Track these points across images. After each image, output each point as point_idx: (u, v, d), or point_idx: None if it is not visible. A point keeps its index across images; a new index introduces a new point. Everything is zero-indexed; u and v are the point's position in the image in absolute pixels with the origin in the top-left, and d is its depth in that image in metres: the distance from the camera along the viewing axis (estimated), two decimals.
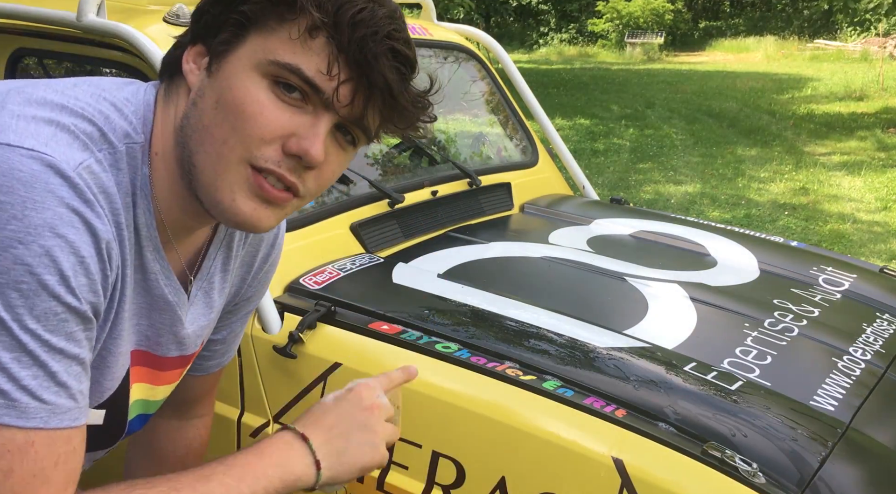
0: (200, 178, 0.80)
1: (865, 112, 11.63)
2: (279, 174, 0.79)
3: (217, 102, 0.78)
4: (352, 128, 0.82)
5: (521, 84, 2.61)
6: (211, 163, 0.79)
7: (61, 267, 0.69)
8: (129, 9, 1.78)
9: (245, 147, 0.78)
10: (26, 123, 0.72)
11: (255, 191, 0.79)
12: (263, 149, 0.78)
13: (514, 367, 1.36)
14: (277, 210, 0.82)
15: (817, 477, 1.19)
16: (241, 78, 0.77)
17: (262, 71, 0.77)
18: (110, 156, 0.78)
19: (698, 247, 2.13)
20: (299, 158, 0.79)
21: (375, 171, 2.25)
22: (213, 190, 0.79)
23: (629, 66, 20.05)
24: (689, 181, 7.33)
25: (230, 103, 0.77)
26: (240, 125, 0.77)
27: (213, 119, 0.78)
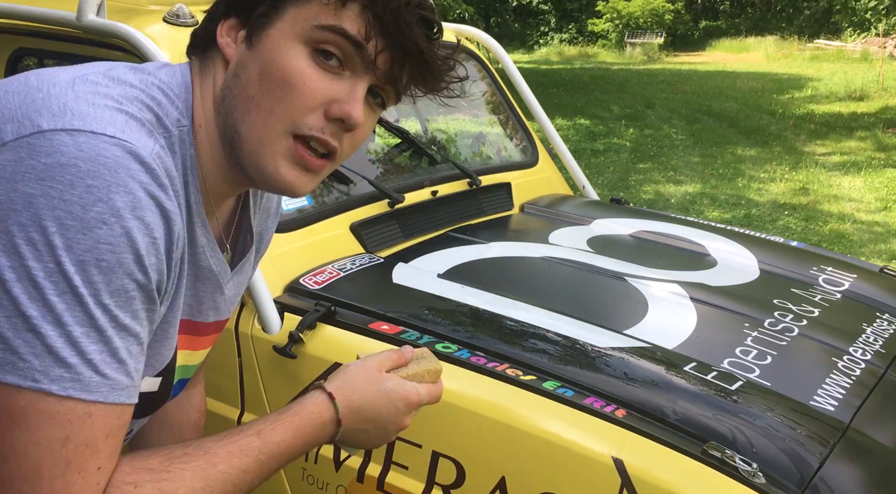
0: (245, 147, 0.84)
1: (865, 112, 11.63)
2: (323, 139, 0.84)
3: (261, 74, 0.82)
4: (383, 89, 0.87)
5: (521, 84, 2.61)
6: (256, 133, 0.83)
7: (138, 246, 0.74)
8: (129, 9, 1.78)
9: (290, 116, 0.82)
10: (102, 111, 0.76)
11: (296, 160, 0.84)
12: (308, 118, 0.83)
13: (514, 367, 1.36)
14: (315, 176, 0.88)
15: (817, 477, 1.19)
16: (283, 48, 0.82)
17: (304, 38, 0.82)
18: (167, 141, 0.82)
19: (698, 247, 2.13)
20: (341, 122, 0.83)
21: (375, 171, 2.25)
22: (258, 157, 0.84)
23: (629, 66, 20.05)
24: (689, 181, 7.33)
25: (275, 74, 0.82)
26: (286, 95, 0.82)
27: (258, 90, 0.82)
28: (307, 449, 0.94)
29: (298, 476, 1.49)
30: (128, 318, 0.75)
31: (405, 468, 1.37)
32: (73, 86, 0.78)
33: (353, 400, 0.94)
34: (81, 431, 0.73)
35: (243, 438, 0.87)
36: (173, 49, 1.60)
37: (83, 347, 0.72)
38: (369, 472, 1.39)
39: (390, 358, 1.00)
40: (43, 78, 0.79)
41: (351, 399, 0.94)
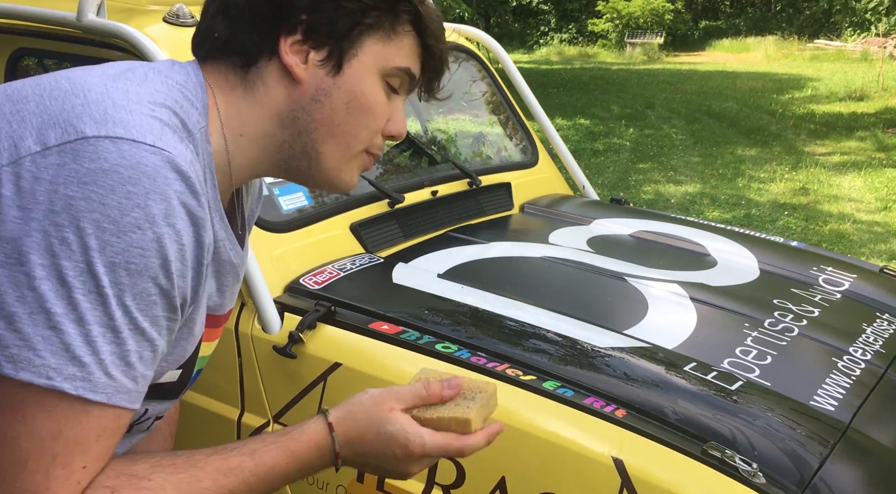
0: (324, 163, 0.92)
1: (865, 112, 11.63)
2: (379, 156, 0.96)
3: (349, 104, 0.90)
4: None
5: (521, 84, 2.61)
6: (340, 153, 0.92)
7: (166, 252, 0.76)
8: (129, 9, 1.78)
9: (369, 140, 0.93)
10: (140, 119, 0.79)
11: (364, 168, 0.96)
12: (377, 139, 0.94)
13: (514, 367, 1.36)
14: None
15: (817, 477, 1.19)
16: (368, 84, 0.90)
17: (383, 73, 0.91)
18: (192, 144, 0.84)
19: (698, 246, 2.13)
20: (392, 137, 0.95)
21: (375, 171, 2.26)
22: (338, 172, 0.93)
23: (629, 66, 20.05)
24: (689, 181, 7.33)
25: (363, 106, 0.90)
26: (370, 124, 0.91)
27: (344, 118, 0.90)
28: (304, 476, 0.92)
29: None
30: (146, 322, 0.76)
31: None
32: (108, 93, 0.80)
33: (350, 436, 0.91)
34: (75, 428, 0.74)
35: (235, 456, 0.86)
36: (173, 49, 1.60)
37: (98, 346, 0.73)
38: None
39: (414, 395, 0.92)
40: (76, 83, 0.81)
41: (349, 435, 0.91)
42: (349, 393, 1.42)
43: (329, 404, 1.44)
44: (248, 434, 1.54)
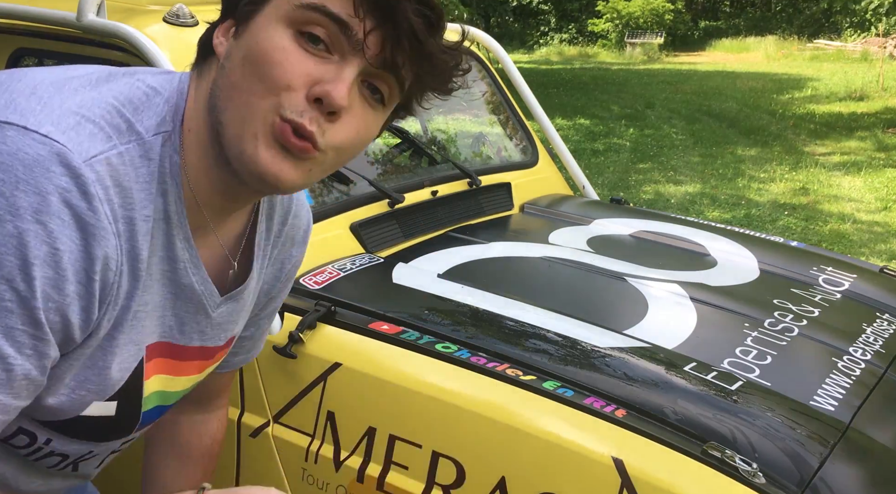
0: (227, 133, 0.79)
1: (865, 112, 11.62)
2: (299, 123, 0.76)
3: (244, 58, 0.78)
4: (379, 79, 0.80)
5: (521, 84, 2.61)
6: (239, 116, 0.78)
7: (27, 253, 0.67)
8: (129, 9, 1.78)
9: (272, 94, 0.76)
10: (50, 111, 0.72)
11: (276, 138, 0.77)
12: (290, 97, 0.76)
13: (514, 367, 1.36)
14: (298, 163, 0.79)
15: (817, 477, 1.19)
16: (267, 30, 0.77)
17: (288, 20, 0.77)
18: (138, 147, 0.77)
19: (698, 246, 2.13)
20: (321, 102, 0.76)
21: (375, 171, 2.25)
22: (239, 140, 0.78)
23: (629, 66, 20.05)
24: (689, 181, 7.33)
25: (256, 54, 0.77)
26: (266, 73, 0.76)
27: (240, 74, 0.78)
28: None
29: (298, 476, 1.49)
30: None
31: (405, 468, 1.37)
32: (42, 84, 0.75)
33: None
34: None
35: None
36: (173, 49, 1.60)
37: None
38: (369, 472, 1.39)
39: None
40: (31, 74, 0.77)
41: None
42: (349, 392, 1.43)
43: (329, 404, 1.45)
44: (248, 434, 1.54)
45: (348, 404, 1.44)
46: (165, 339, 0.91)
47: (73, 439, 0.91)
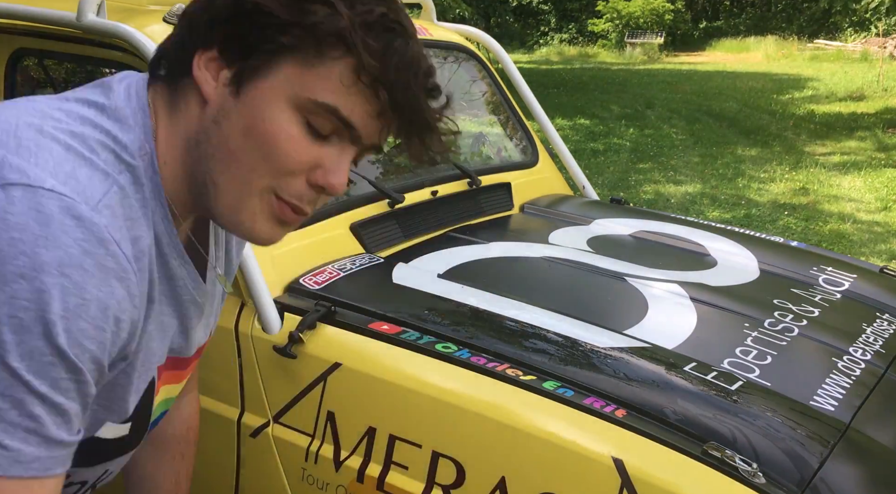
0: (221, 198, 0.79)
1: (865, 112, 11.62)
2: (300, 208, 0.80)
3: (246, 130, 0.76)
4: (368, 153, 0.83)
5: (521, 84, 2.61)
6: (236, 188, 0.78)
7: (59, 306, 0.68)
8: (129, 9, 1.78)
9: (273, 178, 0.77)
10: (45, 162, 0.71)
11: (275, 216, 0.80)
12: (290, 182, 0.78)
13: (514, 367, 1.36)
14: (289, 228, 0.83)
15: (817, 477, 1.19)
16: (273, 110, 0.75)
17: (297, 106, 0.76)
18: (130, 175, 0.77)
19: (698, 246, 2.13)
20: (322, 189, 0.79)
21: (375, 171, 2.25)
22: (236, 212, 0.79)
23: (629, 66, 20.05)
24: (689, 181, 7.33)
25: (262, 135, 0.76)
26: (271, 157, 0.76)
27: (241, 146, 0.76)
28: None
29: (298, 476, 1.49)
30: (44, 386, 0.68)
31: (405, 468, 1.37)
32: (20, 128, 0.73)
33: None
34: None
35: None
36: None
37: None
38: (369, 472, 1.39)
39: None
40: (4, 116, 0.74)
41: None
42: (349, 392, 1.43)
43: (329, 404, 1.45)
44: (248, 434, 1.54)
45: (348, 404, 1.44)
46: (172, 355, 0.92)
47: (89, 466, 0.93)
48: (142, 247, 0.77)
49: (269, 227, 0.81)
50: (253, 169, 0.77)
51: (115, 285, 0.72)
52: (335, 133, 0.78)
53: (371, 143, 0.80)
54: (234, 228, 0.82)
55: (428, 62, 0.79)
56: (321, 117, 0.76)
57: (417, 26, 2.42)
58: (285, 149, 0.76)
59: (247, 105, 0.76)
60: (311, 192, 0.79)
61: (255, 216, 0.79)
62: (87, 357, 0.71)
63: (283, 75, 0.75)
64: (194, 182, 0.81)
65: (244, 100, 0.76)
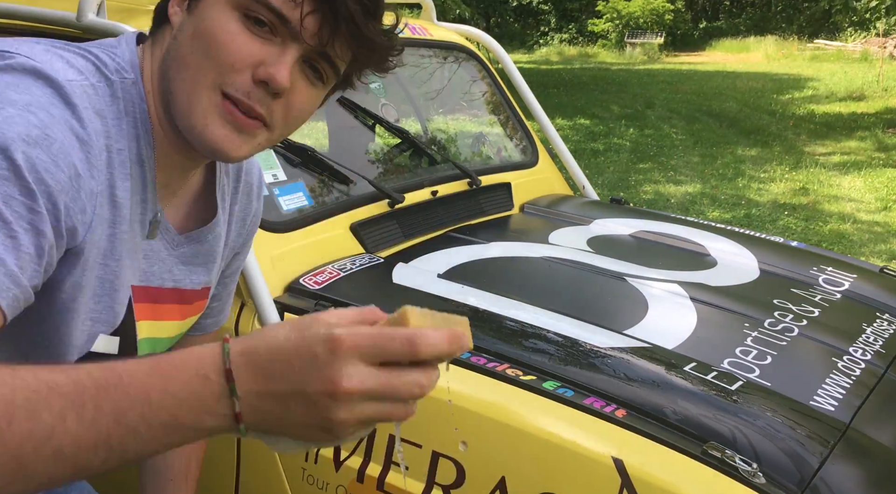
0: (177, 105, 0.85)
1: (865, 112, 11.63)
2: (248, 105, 0.83)
3: (194, 33, 0.84)
4: (319, 61, 0.86)
5: (521, 84, 2.61)
6: (186, 90, 0.84)
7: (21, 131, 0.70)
8: (129, 9, 1.78)
9: (217, 73, 0.82)
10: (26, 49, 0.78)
11: (226, 118, 0.83)
12: (234, 77, 0.82)
13: (514, 367, 1.36)
14: (248, 138, 0.86)
15: (817, 477, 1.19)
16: (215, 10, 0.83)
17: (235, 4, 0.82)
18: (107, 87, 0.83)
19: (698, 246, 2.13)
20: (266, 85, 0.82)
21: (375, 171, 2.25)
22: (188, 115, 0.84)
23: (629, 66, 20.05)
24: (689, 181, 7.33)
25: (204, 33, 0.83)
26: (212, 52, 0.82)
27: (189, 48, 0.84)
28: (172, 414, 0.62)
29: (298, 476, 1.49)
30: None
31: (405, 468, 1.37)
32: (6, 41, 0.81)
33: (250, 344, 0.63)
34: None
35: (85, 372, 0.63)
36: None
37: None
38: (369, 472, 1.39)
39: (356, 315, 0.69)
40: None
41: (248, 343, 0.63)
42: None
43: None
44: None
45: None
46: (143, 283, 0.94)
47: None
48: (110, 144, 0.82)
49: (222, 132, 0.84)
50: (199, 68, 0.83)
51: (76, 144, 0.76)
52: (273, 31, 0.83)
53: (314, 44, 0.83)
54: (191, 134, 0.85)
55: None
56: (255, 9, 0.82)
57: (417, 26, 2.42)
58: (225, 43, 0.82)
59: (196, 16, 0.85)
60: (257, 90, 0.83)
61: (205, 117, 0.83)
62: (43, 189, 0.72)
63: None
64: (164, 100, 0.87)
65: (194, 14, 0.85)
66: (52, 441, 0.59)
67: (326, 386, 0.61)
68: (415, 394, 0.63)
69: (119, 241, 0.86)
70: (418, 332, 0.63)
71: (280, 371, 0.62)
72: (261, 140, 0.87)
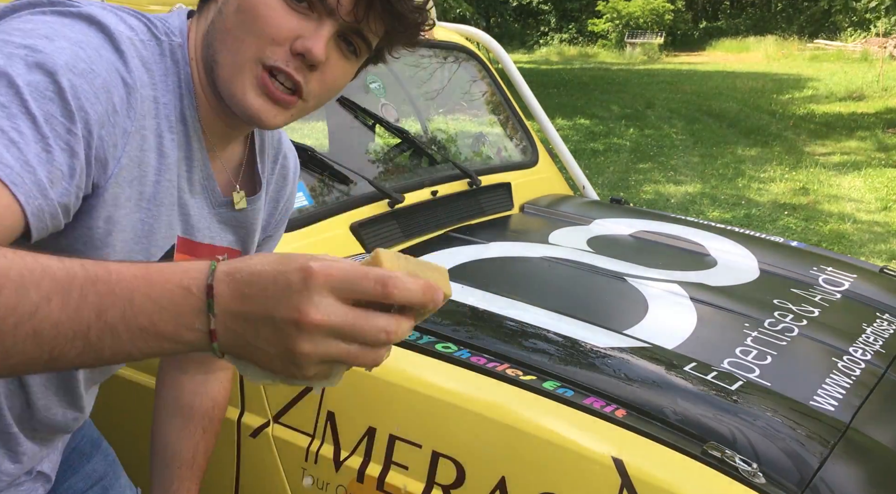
0: (220, 74, 0.90)
1: (865, 112, 11.63)
2: (287, 72, 0.88)
3: (237, 8, 0.89)
4: (352, 36, 0.91)
5: (521, 84, 2.61)
6: (230, 60, 0.89)
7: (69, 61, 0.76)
8: None
9: (258, 45, 0.88)
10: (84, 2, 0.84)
11: (263, 90, 0.89)
12: (273, 49, 0.88)
13: (514, 367, 1.36)
14: (283, 109, 0.91)
15: (817, 477, 1.19)
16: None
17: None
18: (156, 46, 0.89)
19: (698, 246, 2.13)
20: (303, 57, 0.88)
21: (375, 171, 2.26)
22: (230, 84, 0.90)
23: (629, 66, 20.05)
24: (689, 181, 7.33)
25: (247, 7, 0.88)
26: (254, 26, 0.88)
27: (233, 22, 0.89)
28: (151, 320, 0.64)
29: (298, 476, 1.49)
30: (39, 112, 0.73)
31: (405, 468, 1.37)
32: None
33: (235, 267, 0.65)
34: None
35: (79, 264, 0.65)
36: None
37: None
38: (369, 472, 1.39)
39: None
40: None
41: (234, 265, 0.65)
42: (349, 392, 1.43)
43: (329, 404, 1.45)
44: (248, 434, 1.54)
45: (348, 404, 1.44)
46: (185, 236, 0.99)
47: None
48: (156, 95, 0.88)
49: (259, 101, 0.89)
50: (242, 40, 0.88)
51: (120, 83, 0.82)
52: (311, 7, 0.88)
53: (350, 21, 0.88)
54: (232, 102, 0.90)
55: None
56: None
57: None
58: (266, 17, 0.87)
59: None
60: (294, 60, 0.88)
61: (245, 87, 0.89)
62: (82, 116, 0.77)
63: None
64: (208, 69, 0.92)
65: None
66: (34, 321, 0.61)
67: (293, 313, 0.62)
68: (381, 340, 0.63)
69: (163, 189, 0.92)
70: (393, 274, 0.62)
71: (256, 294, 0.63)
72: (294, 111, 0.93)
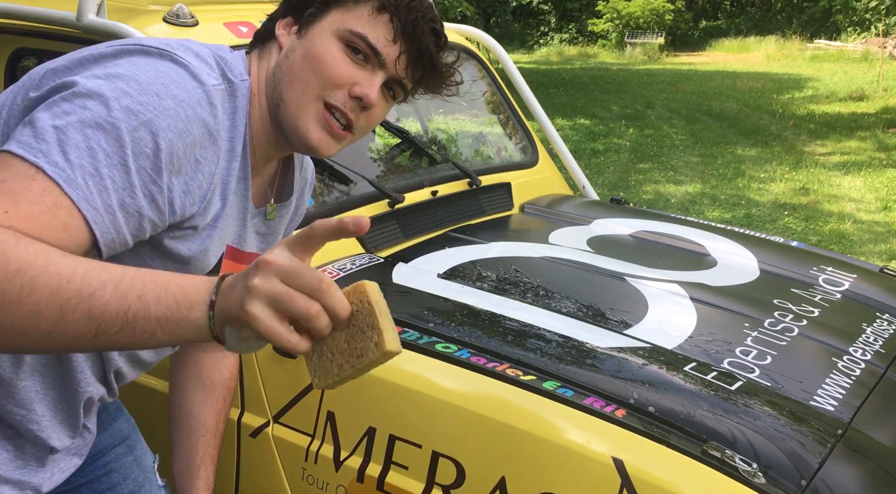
0: (287, 110, 1.07)
1: (866, 112, 11.62)
2: (343, 111, 1.07)
3: (304, 55, 1.07)
4: (394, 84, 1.11)
5: (522, 84, 2.61)
6: (296, 99, 1.07)
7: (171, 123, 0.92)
8: (129, 9, 1.78)
9: (322, 87, 1.06)
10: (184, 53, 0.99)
11: (323, 125, 1.07)
12: (335, 92, 1.06)
13: (514, 367, 1.36)
14: (337, 142, 1.10)
15: (817, 477, 1.19)
16: (323, 39, 1.07)
17: (339, 36, 1.06)
18: (230, 88, 1.04)
19: (698, 246, 2.13)
20: (359, 100, 1.06)
21: (375, 171, 2.26)
22: (295, 119, 1.07)
23: (629, 66, 20.04)
24: (689, 181, 7.33)
25: (314, 55, 1.06)
26: (320, 71, 1.06)
27: (300, 67, 1.07)
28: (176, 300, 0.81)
29: (298, 476, 1.49)
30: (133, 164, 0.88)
31: (405, 468, 1.37)
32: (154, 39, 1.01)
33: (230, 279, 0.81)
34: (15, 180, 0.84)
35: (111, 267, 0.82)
36: None
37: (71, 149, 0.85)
38: (369, 472, 1.39)
39: None
40: None
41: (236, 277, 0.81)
42: (348, 393, 1.43)
43: (329, 404, 1.45)
44: (248, 434, 1.54)
45: (348, 404, 1.44)
46: (234, 245, 1.15)
47: None
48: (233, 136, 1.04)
49: (320, 135, 1.07)
50: (308, 82, 1.06)
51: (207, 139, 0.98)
52: (367, 59, 1.07)
53: (395, 72, 1.08)
54: (294, 135, 1.07)
55: (434, 13, 1.11)
56: (355, 42, 1.06)
57: None
58: (330, 65, 1.06)
59: (306, 40, 1.08)
60: (351, 102, 1.07)
61: (308, 122, 1.07)
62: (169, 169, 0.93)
63: (330, 18, 1.08)
64: (272, 104, 1.09)
65: (304, 38, 1.09)
66: (90, 301, 0.79)
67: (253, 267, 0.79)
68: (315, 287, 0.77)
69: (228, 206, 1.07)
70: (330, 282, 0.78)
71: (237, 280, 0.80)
72: (344, 142, 1.11)
